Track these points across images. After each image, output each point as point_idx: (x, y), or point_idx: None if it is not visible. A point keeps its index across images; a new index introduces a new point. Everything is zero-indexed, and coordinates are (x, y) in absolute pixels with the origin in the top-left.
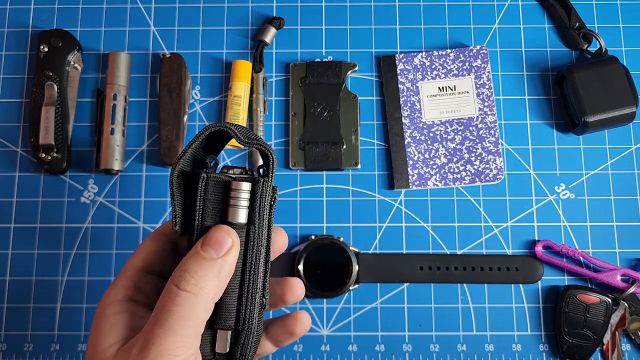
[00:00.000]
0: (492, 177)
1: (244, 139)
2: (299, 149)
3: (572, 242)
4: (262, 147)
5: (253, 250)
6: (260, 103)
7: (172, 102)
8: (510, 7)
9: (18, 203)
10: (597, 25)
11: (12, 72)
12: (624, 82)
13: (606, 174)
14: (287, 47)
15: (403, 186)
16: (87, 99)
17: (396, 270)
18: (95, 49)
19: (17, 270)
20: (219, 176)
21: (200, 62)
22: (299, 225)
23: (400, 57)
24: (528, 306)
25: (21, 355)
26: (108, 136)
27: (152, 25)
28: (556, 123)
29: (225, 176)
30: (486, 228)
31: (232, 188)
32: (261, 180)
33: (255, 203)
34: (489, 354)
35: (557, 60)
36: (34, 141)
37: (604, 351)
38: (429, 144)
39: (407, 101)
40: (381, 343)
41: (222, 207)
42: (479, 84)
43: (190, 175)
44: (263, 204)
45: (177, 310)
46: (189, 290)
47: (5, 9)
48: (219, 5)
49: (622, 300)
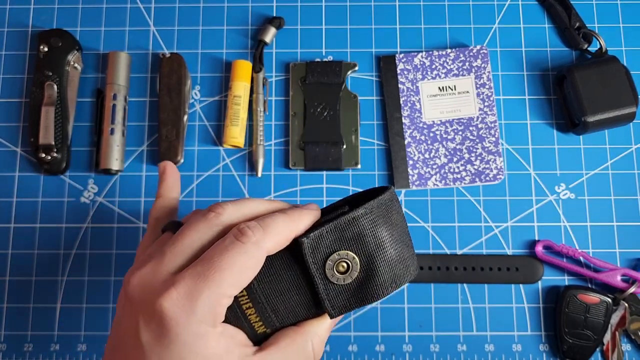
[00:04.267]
0: (492, 177)
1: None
2: (299, 148)
3: (572, 242)
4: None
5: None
6: (260, 103)
7: (172, 102)
8: (510, 7)
9: (18, 203)
10: (598, 25)
11: (11, 72)
12: (624, 82)
13: (606, 174)
14: (287, 47)
15: (403, 186)
16: (87, 99)
17: None
18: (95, 48)
19: (17, 270)
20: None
21: (200, 62)
22: None
23: (401, 57)
24: (528, 306)
25: (21, 356)
26: (108, 136)
27: (152, 25)
28: (556, 123)
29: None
30: (486, 228)
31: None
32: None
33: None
34: (489, 354)
35: (557, 60)
36: (34, 141)
37: (604, 351)
38: (429, 144)
39: (407, 101)
40: (381, 343)
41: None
42: (479, 83)
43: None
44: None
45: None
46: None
47: (5, 8)
48: (218, 5)
49: (622, 300)
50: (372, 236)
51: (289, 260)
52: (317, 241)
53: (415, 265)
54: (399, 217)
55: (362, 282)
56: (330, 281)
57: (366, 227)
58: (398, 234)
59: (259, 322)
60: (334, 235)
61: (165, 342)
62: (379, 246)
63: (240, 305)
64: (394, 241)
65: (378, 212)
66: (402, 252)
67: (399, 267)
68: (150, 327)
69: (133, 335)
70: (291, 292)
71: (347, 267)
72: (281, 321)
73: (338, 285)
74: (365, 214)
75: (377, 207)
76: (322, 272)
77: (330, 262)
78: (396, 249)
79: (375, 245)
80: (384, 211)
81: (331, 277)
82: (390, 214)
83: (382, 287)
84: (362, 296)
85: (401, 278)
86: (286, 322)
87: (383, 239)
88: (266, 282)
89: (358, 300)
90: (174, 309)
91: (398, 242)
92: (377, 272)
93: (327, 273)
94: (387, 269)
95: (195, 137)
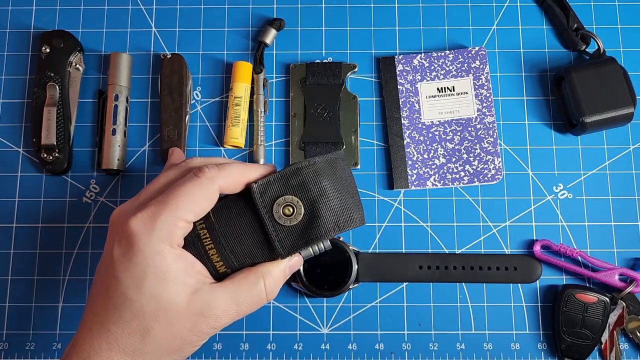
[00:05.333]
0: (490, 177)
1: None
2: (299, 149)
3: (570, 242)
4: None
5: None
6: (261, 104)
7: (174, 102)
8: (508, 9)
9: (20, 203)
10: (595, 26)
11: (14, 73)
12: (622, 83)
13: (604, 174)
14: (287, 48)
15: (402, 186)
16: (89, 100)
17: (395, 270)
18: (97, 49)
19: (19, 269)
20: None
21: (201, 63)
22: None
23: (400, 58)
24: (526, 305)
25: (23, 355)
26: (109, 136)
27: (153, 26)
28: (554, 123)
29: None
30: (485, 228)
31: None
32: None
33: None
34: (487, 353)
35: (556, 61)
36: (36, 141)
37: (602, 350)
38: (428, 145)
39: (406, 102)
40: (381, 342)
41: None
42: (477, 84)
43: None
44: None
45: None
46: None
47: (7, 10)
48: (219, 7)
49: (620, 300)
50: (315, 184)
51: (245, 206)
52: (265, 186)
53: (361, 215)
54: (344, 173)
55: (307, 224)
56: (278, 222)
57: (309, 177)
58: (341, 186)
59: (220, 261)
60: (281, 182)
61: (130, 254)
62: (321, 193)
63: (204, 245)
64: (336, 191)
65: (322, 165)
66: (345, 201)
67: (342, 213)
68: (121, 243)
69: (109, 254)
70: (247, 235)
71: (293, 210)
72: (239, 262)
73: (285, 226)
74: (309, 166)
75: (321, 162)
76: (270, 214)
77: (277, 205)
78: (339, 198)
79: (317, 192)
80: (328, 166)
81: (278, 219)
82: (334, 169)
83: (324, 229)
84: (308, 237)
85: (344, 223)
86: (244, 263)
87: (325, 187)
88: (225, 225)
89: (304, 240)
90: (138, 227)
91: (341, 192)
92: (320, 215)
93: (275, 215)
94: (329, 213)
95: (197, 138)
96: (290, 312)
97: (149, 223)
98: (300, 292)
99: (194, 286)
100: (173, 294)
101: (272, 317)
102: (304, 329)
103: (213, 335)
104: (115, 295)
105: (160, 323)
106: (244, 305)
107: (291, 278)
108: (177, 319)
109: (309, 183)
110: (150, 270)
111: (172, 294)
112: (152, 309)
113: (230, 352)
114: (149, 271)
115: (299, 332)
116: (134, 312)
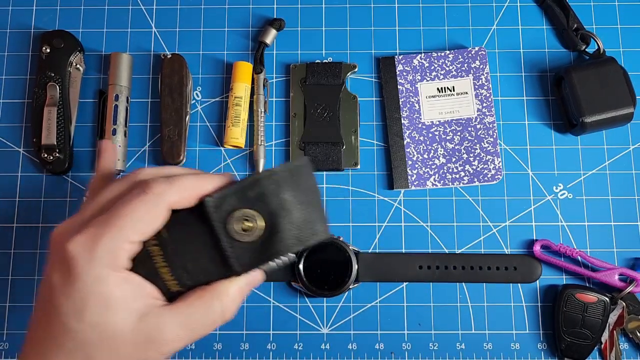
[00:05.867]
0: (490, 177)
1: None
2: (299, 149)
3: (570, 242)
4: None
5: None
6: (261, 104)
7: (174, 102)
8: (508, 9)
9: (20, 203)
10: (595, 26)
11: (14, 73)
12: (622, 83)
13: (604, 174)
14: (288, 49)
15: (402, 186)
16: (89, 100)
17: (395, 270)
18: (97, 50)
19: (20, 269)
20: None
21: (201, 63)
22: None
23: (400, 59)
24: (526, 305)
25: None
26: (110, 136)
27: (154, 26)
28: (554, 124)
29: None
30: (485, 228)
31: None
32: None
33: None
34: (487, 353)
35: (556, 61)
36: (36, 141)
37: (602, 350)
38: (428, 145)
39: (406, 102)
40: (381, 341)
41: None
42: (477, 84)
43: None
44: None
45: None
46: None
47: (8, 10)
48: (219, 7)
49: (620, 300)
50: (274, 196)
51: (200, 221)
52: (220, 200)
53: (325, 227)
54: (308, 183)
55: (267, 239)
56: (235, 239)
57: (269, 188)
58: (304, 197)
59: (173, 279)
60: (237, 195)
61: (70, 281)
62: (282, 206)
63: (154, 263)
64: (298, 203)
65: (283, 175)
66: (308, 213)
67: (305, 227)
68: (59, 268)
69: (49, 279)
70: (201, 251)
71: (251, 225)
72: (193, 280)
73: (243, 242)
74: (269, 176)
75: (282, 171)
76: (225, 229)
77: (234, 220)
78: (301, 210)
79: (277, 205)
80: (289, 176)
81: (235, 235)
82: (298, 179)
83: (285, 244)
84: (268, 253)
85: (307, 237)
86: (199, 281)
87: (286, 199)
88: (178, 241)
89: (264, 257)
90: (78, 250)
91: (303, 204)
92: (280, 230)
93: (231, 231)
94: (290, 227)
95: (197, 138)
96: (290, 312)
97: (90, 246)
98: (300, 292)
99: (142, 311)
100: (118, 322)
101: (272, 317)
102: (304, 329)
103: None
104: (56, 325)
105: (103, 353)
106: (198, 328)
107: (291, 278)
108: (123, 347)
109: (269, 195)
110: (92, 298)
111: (117, 322)
112: (96, 339)
113: (230, 352)
114: (91, 299)
115: (299, 332)
116: (76, 343)
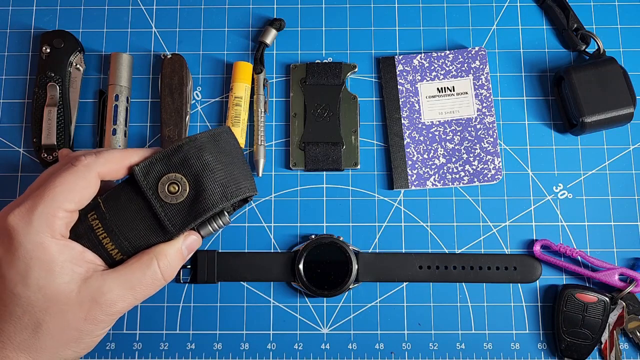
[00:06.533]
0: (490, 177)
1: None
2: (299, 149)
3: (570, 242)
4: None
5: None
6: (261, 104)
7: (174, 102)
8: (508, 9)
9: None
10: (595, 26)
11: (14, 73)
12: (621, 83)
13: (604, 174)
14: (288, 49)
15: (402, 186)
16: (89, 100)
17: (395, 270)
18: (97, 50)
19: None
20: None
21: (201, 63)
22: (299, 225)
23: (400, 59)
24: (526, 305)
25: None
26: (110, 137)
27: (154, 26)
28: (554, 124)
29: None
30: (485, 228)
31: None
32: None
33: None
34: (487, 353)
35: (555, 61)
36: (36, 141)
37: (602, 350)
38: (428, 145)
39: (406, 102)
40: (381, 341)
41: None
42: (477, 84)
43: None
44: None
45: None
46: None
47: (8, 10)
48: (219, 7)
49: (620, 300)
50: (197, 159)
51: (133, 191)
52: (147, 168)
53: (250, 183)
54: (229, 146)
55: (194, 199)
56: (165, 201)
57: (190, 152)
58: (226, 158)
59: (115, 249)
60: (163, 161)
61: (12, 249)
62: (204, 167)
63: (97, 235)
64: (220, 163)
65: (203, 140)
66: (231, 172)
67: (229, 184)
68: (1, 241)
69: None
70: (138, 219)
71: (178, 188)
72: (134, 247)
73: (173, 204)
74: (189, 142)
75: (203, 137)
76: (156, 194)
77: (162, 184)
78: (223, 170)
79: (200, 166)
80: (210, 140)
81: (165, 198)
82: (217, 143)
83: (211, 201)
84: (196, 211)
85: (232, 193)
86: (139, 248)
87: (208, 161)
88: (116, 212)
89: (193, 215)
90: (16, 221)
91: (226, 164)
92: (205, 188)
93: (161, 194)
94: (214, 185)
95: None
96: (290, 312)
97: (26, 216)
98: (300, 292)
99: (84, 275)
100: (61, 285)
101: (272, 317)
102: (304, 329)
103: (113, 324)
104: (4, 293)
105: (51, 315)
106: (139, 287)
107: (291, 278)
108: (69, 309)
109: (191, 158)
110: (34, 263)
111: (61, 284)
112: (41, 302)
113: (230, 352)
114: (33, 264)
115: (299, 332)
116: (24, 307)
